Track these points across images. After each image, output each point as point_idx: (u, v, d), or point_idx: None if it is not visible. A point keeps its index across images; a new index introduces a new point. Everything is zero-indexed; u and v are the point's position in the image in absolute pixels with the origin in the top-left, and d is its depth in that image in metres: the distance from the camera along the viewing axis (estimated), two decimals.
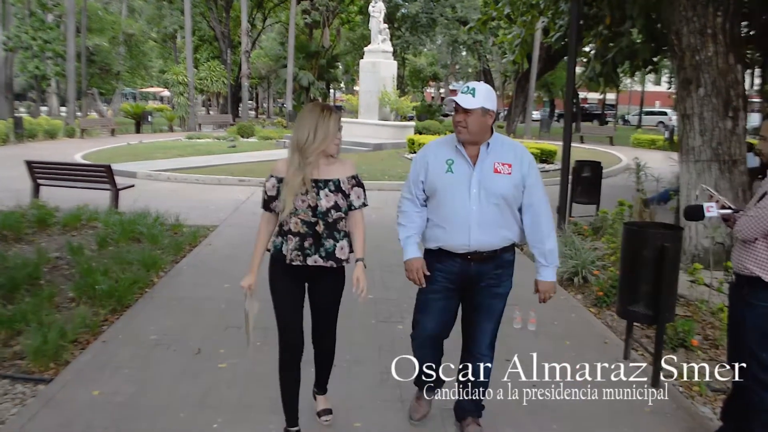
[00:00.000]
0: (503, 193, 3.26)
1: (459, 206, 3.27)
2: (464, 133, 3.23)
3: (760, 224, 3.15)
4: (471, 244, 3.28)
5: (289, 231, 3.28)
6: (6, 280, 5.93)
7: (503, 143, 3.37)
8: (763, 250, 3.20)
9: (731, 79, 7.18)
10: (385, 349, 4.90)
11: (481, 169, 3.27)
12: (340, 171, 3.34)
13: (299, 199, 3.22)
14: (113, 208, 9.72)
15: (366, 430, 3.74)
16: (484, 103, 3.19)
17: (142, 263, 6.68)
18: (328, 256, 3.30)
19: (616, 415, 3.87)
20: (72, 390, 4.13)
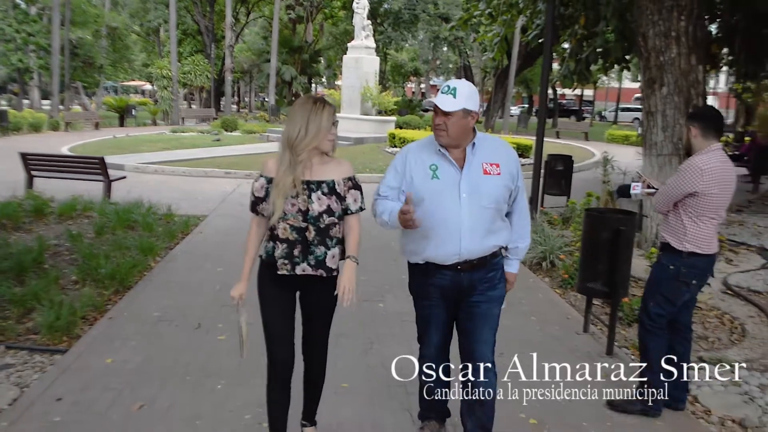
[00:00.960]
0: (495, 196, 3.07)
1: (448, 214, 3.03)
2: (444, 137, 3.02)
3: (665, 198, 3.93)
4: (462, 253, 3.06)
5: (278, 237, 3.04)
6: (13, 264, 6.34)
7: (488, 141, 3.18)
8: (673, 220, 3.94)
9: (692, 79, 7.73)
10: (367, 324, 5.39)
11: (469, 172, 3.05)
12: (335, 171, 3.09)
13: (289, 203, 2.98)
14: (106, 199, 10.10)
15: (353, 390, 4.21)
16: (466, 104, 2.96)
17: (139, 249, 7.11)
18: (317, 265, 3.06)
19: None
20: (86, 359, 4.57)
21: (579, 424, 3.85)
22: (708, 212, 3.84)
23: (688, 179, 3.82)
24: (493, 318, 3.22)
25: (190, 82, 35.12)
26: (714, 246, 3.93)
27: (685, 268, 3.91)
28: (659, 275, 4.06)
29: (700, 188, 3.79)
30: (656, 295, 4.06)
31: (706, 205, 3.82)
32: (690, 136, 3.95)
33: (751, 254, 8.52)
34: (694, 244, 3.86)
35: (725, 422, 4.06)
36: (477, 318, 3.19)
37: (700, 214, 3.84)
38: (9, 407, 3.86)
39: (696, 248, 3.86)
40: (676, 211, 3.92)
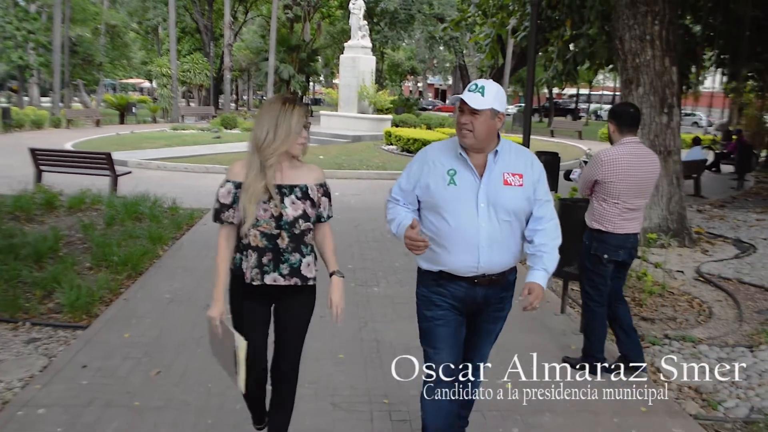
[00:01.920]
0: (514, 208, 2.87)
1: (465, 224, 2.83)
2: (470, 137, 2.81)
3: (581, 184, 4.65)
4: (480, 266, 2.87)
5: (248, 245, 2.89)
6: (31, 251, 6.80)
7: (512, 150, 2.96)
8: (594, 204, 4.58)
9: (666, 80, 8.22)
10: (362, 305, 5.87)
11: (488, 181, 2.85)
12: (307, 176, 2.95)
13: (261, 208, 2.82)
14: (113, 192, 10.55)
15: (348, 360, 4.66)
16: (494, 103, 2.78)
17: (148, 238, 7.57)
18: (292, 273, 2.91)
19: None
20: (106, 333, 5.03)
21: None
22: (611, 197, 4.46)
23: (593, 169, 4.52)
24: (495, 334, 3.16)
25: (189, 80, 35.54)
26: (623, 227, 4.49)
27: (595, 242, 4.57)
28: (582, 253, 4.71)
29: (600, 177, 4.46)
30: (586, 272, 4.72)
31: (607, 191, 4.46)
32: (609, 131, 4.54)
33: (727, 245, 9.01)
34: (599, 222, 4.51)
35: (683, 389, 4.54)
36: (482, 335, 3.12)
37: (604, 199, 4.49)
38: (40, 373, 4.33)
39: (600, 226, 4.51)
40: (592, 195, 4.58)
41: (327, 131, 23.47)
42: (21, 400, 3.93)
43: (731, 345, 5.31)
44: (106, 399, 3.96)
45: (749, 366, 4.87)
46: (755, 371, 4.79)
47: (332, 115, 25.75)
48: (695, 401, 4.36)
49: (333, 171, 14.98)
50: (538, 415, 3.95)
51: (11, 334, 5.04)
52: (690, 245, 8.60)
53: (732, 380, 4.63)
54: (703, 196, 13.94)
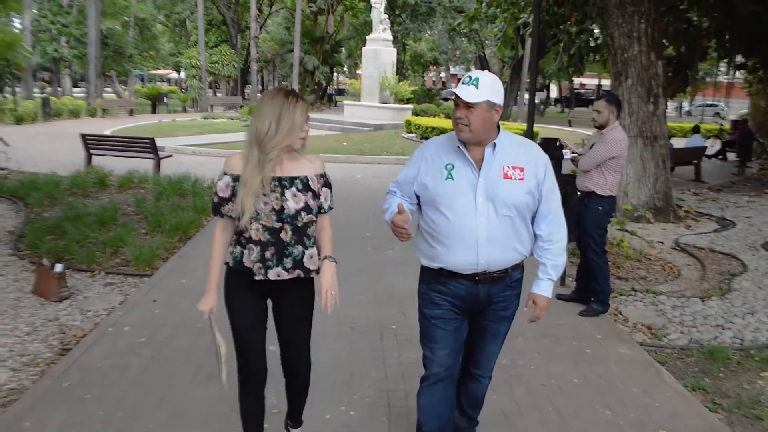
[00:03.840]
0: (515, 202, 2.76)
1: (463, 219, 2.75)
2: (465, 131, 2.74)
3: (594, 161, 5.49)
4: (480, 263, 2.79)
5: (250, 239, 2.80)
6: (95, 219, 7.95)
7: (512, 142, 2.86)
8: (596, 176, 5.50)
9: (652, 72, 9.16)
10: (379, 264, 6.92)
11: (487, 175, 2.77)
12: (307, 167, 2.88)
13: (260, 202, 2.75)
14: (157, 173, 11.71)
15: (364, 301, 5.72)
16: (490, 95, 2.70)
17: (194, 209, 8.69)
18: (294, 266, 2.85)
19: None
20: (167, 280, 6.15)
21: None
22: (619, 169, 5.52)
23: (613, 147, 5.47)
24: (502, 334, 3.07)
25: (218, 71, 36.75)
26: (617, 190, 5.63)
27: (608, 206, 5.60)
28: (594, 215, 5.63)
29: (618, 152, 5.47)
30: (596, 230, 5.67)
31: (618, 164, 5.50)
32: (611, 116, 5.48)
33: (711, 222, 9.94)
34: (611, 190, 5.54)
35: (637, 325, 5.55)
36: (487, 335, 3.04)
37: (615, 170, 5.50)
38: (119, 305, 5.46)
39: (612, 192, 5.57)
40: (598, 169, 5.49)
41: (350, 120, 24.59)
42: (109, 321, 5.06)
43: (687, 296, 6.29)
44: (174, 323, 5.06)
45: (697, 311, 5.86)
46: (701, 315, 5.79)
47: (355, 105, 26.87)
48: (644, 334, 5.39)
49: (356, 156, 16.07)
50: (512, 339, 4.94)
51: (90, 280, 6.18)
52: (675, 221, 9.54)
53: (681, 321, 5.64)
54: (703, 181, 14.77)
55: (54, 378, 4.10)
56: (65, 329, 4.99)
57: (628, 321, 5.65)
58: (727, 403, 4.20)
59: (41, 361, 4.45)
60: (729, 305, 6.04)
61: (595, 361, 4.67)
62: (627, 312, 5.84)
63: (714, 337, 5.32)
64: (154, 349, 4.57)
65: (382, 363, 4.48)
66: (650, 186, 9.44)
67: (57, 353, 4.58)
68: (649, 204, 9.42)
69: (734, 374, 4.66)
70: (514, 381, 4.28)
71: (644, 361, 4.73)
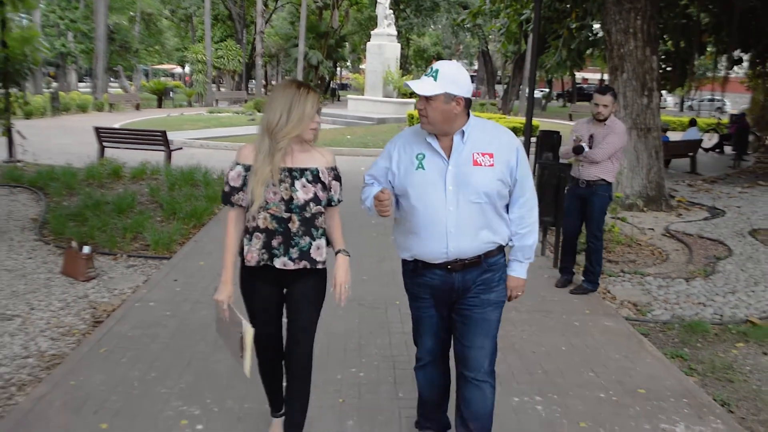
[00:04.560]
0: (485, 189, 2.77)
1: (434, 208, 2.79)
2: (425, 123, 2.79)
3: (609, 152, 5.81)
4: (449, 251, 2.81)
5: (257, 228, 2.86)
6: (114, 207, 8.38)
7: (484, 129, 2.86)
8: (606, 165, 5.86)
9: (647, 67, 9.55)
10: (382, 248, 7.33)
11: (456, 162, 2.78)
12: (318, 160, 2.92)
13: (270, 191, 2.80)
14: (168, 165, 12.13)
15: (370, 280, 6.14)
16: (448, 87, 2.69)
17: (206, 198, 9.13)
18: (301, 256, 2.88)
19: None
20: (185, 262, 6.58)
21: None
22: (621, 156, 5.95)
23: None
24: (490, 324, 2.95)
25: (223, 66, 37.17)
26: None
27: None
28: (602, 202, 6.01)
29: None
30: (602, 215, 6.10)
31: (621, 152, 5.92)
32: (614, 108, 5.88)
33: (702, 212, 10.33)
34: (616, 178, 6.03)
35: (624, 303, 5.96)
36: (471, 323, 2.93)
37: (618, 158, 5.94)
38: (143, 284, 5.89)
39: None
40: (611, 159, 5.87)
41: (354, 114, 25.02)
42: (134, 298, 5.49)
43: (673, 278, 6.70)
44: (194, 299, 5.49)
45: (681, 291, 6.27)
46: (684, 294, 6.20)
47: (359, 99, 27.32)
48: (630, 310, 5.80)
49: (359, 149, 16.49)
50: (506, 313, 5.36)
51: (113, 263, 6.61)
52: (667, 210, 9.94)
53: (665, 299, 6.05)
54: (698, 173, 15.16)
55: (91, 345, 4.53)
56: (95, 305, 5.42)
57: (615, 299, 6.06)
58: (701, 368, 4.62)
59: (77, 331, 4.88)
60: (712, 285, 6.45)
61: (582, 332, 5.09)
62: (615, 291, 6.25)
63: (695, 313, 5.72)
64: (178, 321, 5.00)
65: (387, 333, 4.91)
66: (643, 176, 9.84)
67: (90, 325, 5.01)
68: (642, 193, 9.82)
69: (711, 345, 5.07)
70: (508, 349, 4.68)
71: (628, 333, 5.14)
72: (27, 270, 6.23)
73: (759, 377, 4.51)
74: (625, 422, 3.75)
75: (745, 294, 6.21)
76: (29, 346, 4.58)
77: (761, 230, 8.84)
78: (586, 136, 5.96)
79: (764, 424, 3.88)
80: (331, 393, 3.94)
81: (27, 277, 6.01)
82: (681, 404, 3.99)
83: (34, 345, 4.59)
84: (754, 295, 6.20)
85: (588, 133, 5.94)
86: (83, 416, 3.59)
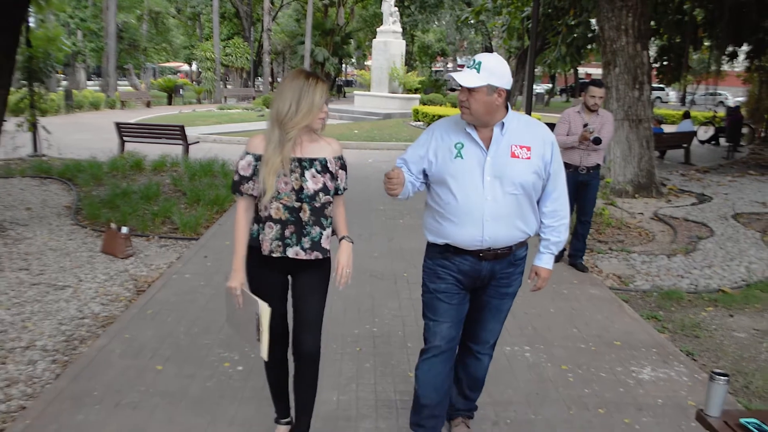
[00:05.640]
0: (522, 181, 2.83)
1: (471, 197, 2.84)
2: (467, 114, 2.83)
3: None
4: (485, 239, 2.87)
5: (269, 218, 2.89)
6: (141, 196, 9.06)
7: (521, 122, 2.93)
8: (601, 150, 6.41)
9: (638, 62, 10.17)
10: (391, 229, 7.99)
11: (495, 154, 2.83)
12: (326, 150, 2.96)
13: (281, 181, 2.84)
14: (186, 157, 12.81)
15: (381, 257, 6.80)
16: (491, 79, 2.73)
17: (226, 186, 9.78)
18: (312, 247, 2.94)
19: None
20: (212, 242, 7.25)
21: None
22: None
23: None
24: (503, 312, 3.14)
25: (231, 63, 37.82)
26: None
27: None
28: (597, 185, 6.65)
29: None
30: (595, 197, 6.70)
31: None
32: (603, 98, 6.46)
33: (690, 198, 10.94)
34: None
35: (609, 275, 6.60)
36: (487, 310, 3.11)
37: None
38: (177, 260, 6.56)
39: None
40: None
41: (360, 109, 25.70)
42: (171, 271, 6.17)
43: (656, 254, 7.34)
44: (224, 272, 6.14)
45: (662, 265, 6.91)
46: (665, 268, 6.84)
47: (365, 95, 27.98)
48: (614, 281, 6.44)
49: (367, 143, 17.13)
50: None
51: (147, 243, 7.28)
52: (657, 196, 10.57)
53: (647, 272, 6.69)
54: (692, 164, 15.74)
55: (138, 308, 5.20)
56: (136, 278, 6.09)
57: (602, 272, 6.70)
58: (672, 326, 5.26)
59: (123, 298, 5.55)
60: (691, 261, 7.09)
61: (569, 298, 5.74)
62: (602, 266, 6.89)
63: (673, 284, 6.36)
64: (212, 289, 5.66)
65: (397, 298, 5.56)
66: (635, 164, 10.46)
67: (134, 293, 5.68)
68: (634, 181, 10.45)
69: (684, 309, 5.71)
70: None
71: (610, 299, 5.79)
72: (69, 249, 6.90)
73: (722, 334, 5.16)
74: (601, 365, 4.41)
75: (720, 268, 6.85)
76: (83, 309, 5.24)
77: (744, 214, 9.47)
78: (581, 125, 6.37)
79: (722, 369, 4.52)
80: (349, 343, 4.61)
81: (71, 255, 6.68)
82: (651, 353, 4.64)
83: (88, 309, 5.26)
84: (729, 269, 6.84)
85: (582, 123, 6.38)
86: (140, 360, 4.26)
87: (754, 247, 7.62)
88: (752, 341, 5.03)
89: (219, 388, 3.93)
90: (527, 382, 4.12)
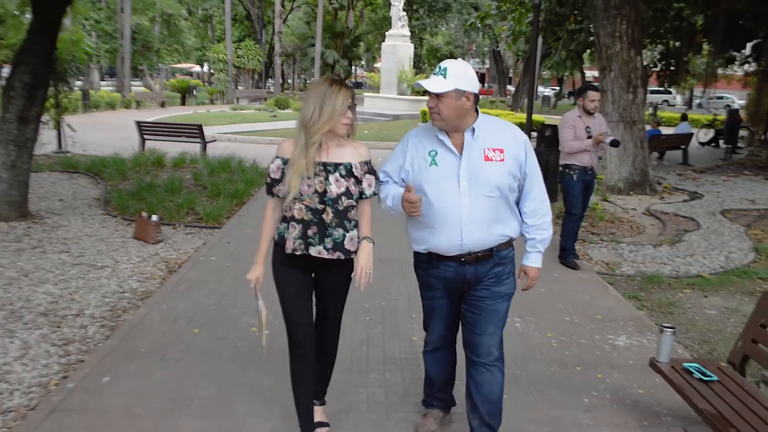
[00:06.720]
0: (497, 183, 2.88)
1: (448, 203, 2.90)
2: (438, 120, 2.90)
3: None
4: (464, 244, 2.93)
5: (293, 218, 2.98)
6: (165, 189, 9.71)
7: (492, 125, 2.99)
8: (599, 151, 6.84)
9: (632, 67, 10.75)
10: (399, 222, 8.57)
11: (468, 158, 2.90)
12: (353, 155, 3.03)
13: (305, 184, 2.92)
14: (204, 155, 13.47)
15: (387, 243, 7.39)
16: (459, 84, 2.81)
17: (244, 181, 10.43)
18: (335, 247, 3.01)
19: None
20: (234, 230, 7.89)
21: None
22: None
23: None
24: (499, 314, 3.08)
25: (243, 65, 38.58)
26: None
27: None
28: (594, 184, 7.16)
29: None
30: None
31: None
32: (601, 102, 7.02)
33: (683, 196, 11.51)
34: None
35: (598, 263, 7.20)
36: (482, 314, 3.07)
37: None
38: (202, 246, 7.20)
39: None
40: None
41: (370, 111, 26.38)
42: (198, 255, 6.81)
43: (643, 245, 7.93)
44: (247, 256, 6.65)
45: (648, 254, 7.50)
46: (650, 256, 7.42)
47: (375, 97, 28.67)
48: (602, 267, 7.04)
49: (376, 143, 17.79)
50: None
51: (174, 231, 7.93)
52: (651, 194, 11.14)
53: (633, 260, 7.28)
54: (689, 165, 16.27)
55: (172, 284, 5.84)
56: (167, 260, 6.73)
57: (591, 260, 7.29)
58: (650, 304, 5.86)
59: (157, 277, 6.19)
60: (675, 251, 7.68)
61: (559, 281, 6.34)
62: (592, 254, 7.49)
63: (656, 270, 6.95)
64: (237, 269, 6.28)
65: (404, 279, 6.18)
66: (629, 163, 11.04)
67: (166, 273, 6.32)
68: (629, 179, 11.03)
69: (663, 291, 6.30)
70: None
71: (596, 282, 6.39)
72: (103, 235, 7.55)
73: (695, 311, 5.75)
74: (582, 334, 5.02)
75: (702, 257, 7.43)
76: (123, 285, 5.88)
77: (732, 210, 10.03)
78: (583, 129, 6.60)
79: (691, 339, 5.12)
80: (360, 315, 5.23)
81: (105, 241, 7.33)
82: (628, 325, 5.24)
83: (127, 285, 5.91)
84: (709, 257, 7.42)
85: (584, 126, 6.61)
86: (179, 325, 4.90)
87: (736, 239, 8.19)
88: (721, 317, 5.62)
89: (249, 347, 4.56)
90: (516, 347, 4.72)
